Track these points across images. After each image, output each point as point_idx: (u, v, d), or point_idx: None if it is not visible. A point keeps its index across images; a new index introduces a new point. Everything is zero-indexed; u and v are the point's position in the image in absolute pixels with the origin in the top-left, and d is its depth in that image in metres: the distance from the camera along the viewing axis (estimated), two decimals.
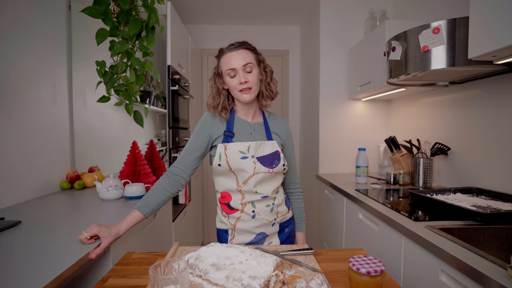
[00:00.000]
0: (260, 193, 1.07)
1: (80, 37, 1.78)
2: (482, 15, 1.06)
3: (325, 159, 2.48)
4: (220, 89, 1.10)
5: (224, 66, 1.05)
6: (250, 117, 1.14)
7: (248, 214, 1.08)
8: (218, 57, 1.09)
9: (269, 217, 1.10)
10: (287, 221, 1.18)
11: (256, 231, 1.09)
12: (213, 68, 1.12)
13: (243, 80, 1.02)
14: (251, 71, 1.05)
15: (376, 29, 1.92)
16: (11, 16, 1.34)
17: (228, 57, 1.04)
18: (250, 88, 1.04)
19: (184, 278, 0.58)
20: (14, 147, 1.34)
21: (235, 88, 1.05)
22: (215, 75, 1.11)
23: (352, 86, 2.33)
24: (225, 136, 1.08)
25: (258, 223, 1.08)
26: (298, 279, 0.71)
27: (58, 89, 1.63)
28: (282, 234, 1.16)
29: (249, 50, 1.06)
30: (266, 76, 1.11)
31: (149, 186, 1.60)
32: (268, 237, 1.11)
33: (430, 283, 0.97)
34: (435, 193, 1.42)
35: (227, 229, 1.12)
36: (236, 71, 1.03)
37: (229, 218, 1.11)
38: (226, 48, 1.06)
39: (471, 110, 1.58)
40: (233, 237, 1.10)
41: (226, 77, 1.06)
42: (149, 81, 2.32)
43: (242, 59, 1.03)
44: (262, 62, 1.11)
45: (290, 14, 2.93)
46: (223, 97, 1.10)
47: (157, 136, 2.83)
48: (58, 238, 0.92)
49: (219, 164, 1.05)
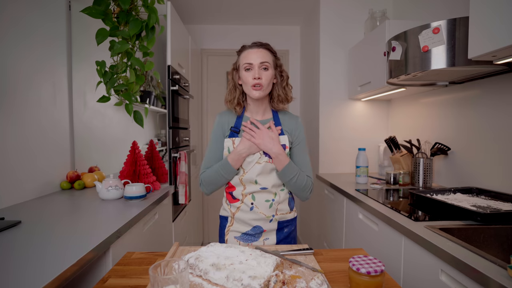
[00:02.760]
0: (259, 183, 1.11)
1: (80, 37, 1.78)
2: (482, 15, 1.06)
3: (325, 159, 2.48)
4: (236, 84, 1.17)
5: (243, 60, 1.11)
6: (259, 114, 1.19)
7: (247, 205, 1.13)
8: (239, 52, 1.16)
9: (266, 212, 1.12)
10: (287, 221, 1.18)
11: (253, 224, 1.13)
12: (233, 64, 1.19)
13: (257, 75, 1.07)
14: (267, 70, 1.10)
15: (376, 29, 1.92)
16: (11, 16, 1.33)
17: (248, 53, 1.11)
18: (261, 85, 1.09)
19: (184, 278, 0.58)
20: (14, 147, 1.34)
21: (248, 82, 1.10)
22: (233, 70, 1.18)
23: (352, 86, 2.33)
24: (232, 132, 1.15)
25: (255, 216, 1.12)
26: (298, 279, 0.71)
27: (58, 89, 1.63)
28: (281, 233, 1.16)
29: (269, 52, 1.13)
30: (282, 80, 1.16)
31: (149, 186, 1.61)
32: (264, 232, 1.14)
33: (430, 283, 0.97)
34: (435, 193, 1.42)
35: (227, 216, 1.18)
36: (252, 66, 1.09)
37: (231, 206, 1.17)
38: (249, 45, 1.13)
39: (471, 110, 1.58)
40: (232, 224, 1.17)
41: (242, 71, 1.11)
42: (149, 81, 2.32)
43: (260, 57, 1.09)
44: (279, 66, 1.17)
45: (290, 14, 2.93)
46: (238, 91, 1.17)
47: (157, 136, 2.82)
48: (58, 238, 0.92)
49: None
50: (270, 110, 1.21)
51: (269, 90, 1.14)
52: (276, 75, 1.15)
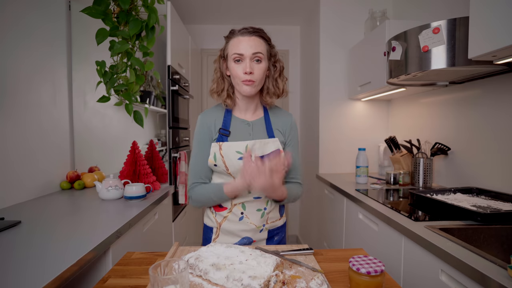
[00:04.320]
0: (253, 193, 1.01)
1: (80, 37, 1.78)
2: (482, 15, 1.06)
3: (325, 159, 2.48)
4: (224, 74, 1.02)
5: (232, 49, 0.96)
6: (250, 112, 1.05)
7: (236, 215, 1.02)
8: (227, 38, 0.99)
9: (257, 223, 1.03)
10: (277, 228, 1.09)
11: (241, 235, 1.03)
12: (220, 50, 1.02)
13: (248, 70, 0.93)
14: (260, 62, 0.96)
15: (376, 29, 1.92)
16: (11, 16, 1.33)
17: (238, 40, 0.95)
18: (253, 81, 0.95)
19: (184, 278, 0.58)
20: (14, 147, 1.34)
21: (238, 76, 0.95)
22: (220, 57, 1.02)
23: (352, 86, 2.33)
24: (220, 135, 1.00)
25: (244, 227, 1.02)
26: (298, 279, 0.71)
27: (58, 89, 1.63)
28: (271, 242, 1.08)
29: (263, 39, 0.97)
30: (275, 72, 1.02)
31: (149, 186, 1.60)
32: (254, 243, 1.04)
33: (430, 283, 0.97)
34: (435, 193, 1.41)
35: (212, 227, 1.06)
36: (243, 57, 0.94)
37: (216, 215, 1.05)
38: (239, 30, 0.96)
39: (471, 110, 1.58)
40: (217, 236, 1.05)
41: (231, 62, 0.96)
42: (149, 81, 2.32)
43: (253, 47, 0.94)
44: (274, 56, 1.01)
45: (290, 14, 2.93)
46: (227, 82, 1.02)
47: (157, 136, 2.82)
48: (58, 238, 0.92)
49: (214, 165, 0.99)
50: (262, 107, 1.08)
51: (262, 84, 1.00)
52: (270, 66, 1.00)
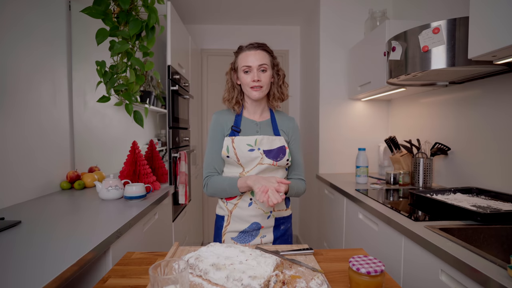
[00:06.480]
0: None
1: (80, 37, 1.78)
2: (482, 15, 1.06)
3: (325, 159, 2.48)
4: (235, 83, 1.20)
5: (241, 62, 1.14)
6: (258, 114, 1.21)
7: (245, 201, 1.15)
8: (236, 53, 1.18)
9: (265, 208, 1.15)
10: (283, 218, 1.21)
11: (251, 220, 1.15)
12: (230, 64, 1.21)
13: (256, 78, 1.11)
14: (265, 71, 1.13)
15: (376, 29, 1.92)
16: (11, 16, 1.33)
17: (246, 55, 1.13)
18: (261, 86, 1.13)
19: (184, 278, 0.58)
20: (14, 147, 1.34)
21: (248, 84, 1.13)
22: (231, 69, 1.20)
23: (352, 86, 2.33)
24: (232, 131, 1.16)
25: (253, 212, 1.14)
26: (298, 279, 0.71)
27: (58, 89, 1.63)
28: (277, 231, 1.19)
29: (266, 52, 1.15)
30: (278, 79, 1.19)
31: (149, 186, 1.60)
32: (262, 229, 1.16)
33: (430, 283, 0.97)
34: (435, 193, 1.41)
35: (224, 215, 1.19)
36: (251, 68, 1.12)
37: (227, 204, 1.18)
38: (246, 46, 1.15)
39: (471, 110, 1.58)
40: (228, 223, 1.17)
41: (241, 73, 1.14)
42: (149, 81, 2.32)
43: (259, 59, 1.12)
44: (276, 65, 1.19)
45: (290, 14, 2.93)
46: (237, 91, 1.20)
47: (157, 136, 2.82)
48: (58, 238, 0.92)
49: (227, 156, 1.13)
50: (268, 110, 1.24)
51: (268, 89, 1.18)
52: (273, 74, 1.18)
